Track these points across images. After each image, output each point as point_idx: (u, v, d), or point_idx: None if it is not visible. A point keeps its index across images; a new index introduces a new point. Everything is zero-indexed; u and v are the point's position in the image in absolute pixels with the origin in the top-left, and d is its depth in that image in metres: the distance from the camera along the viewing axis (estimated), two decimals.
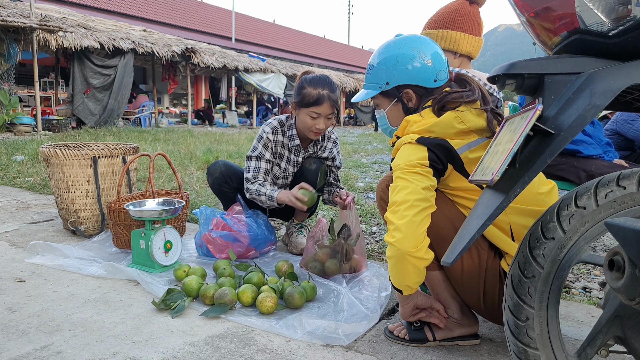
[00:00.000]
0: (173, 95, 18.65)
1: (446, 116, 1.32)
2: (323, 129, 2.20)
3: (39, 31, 9.24)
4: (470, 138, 1.33)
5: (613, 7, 0.87)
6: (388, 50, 1.44)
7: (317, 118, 2.16)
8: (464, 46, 1.90)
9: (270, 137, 2.29)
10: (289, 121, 2.33)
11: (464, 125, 1.31)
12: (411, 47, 1.41)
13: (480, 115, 1.34)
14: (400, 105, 1.47)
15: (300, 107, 2.19)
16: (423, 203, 1.23)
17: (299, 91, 2.19)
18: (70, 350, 1.35)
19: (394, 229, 1.22)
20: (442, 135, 1.31)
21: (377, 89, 1.47)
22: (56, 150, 2.41)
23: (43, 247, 2.19)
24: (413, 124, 1.35)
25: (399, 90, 1.44)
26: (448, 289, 1.43)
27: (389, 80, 1.43)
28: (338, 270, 1.94)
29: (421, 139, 1.29)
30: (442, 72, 1.42)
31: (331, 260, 1.95)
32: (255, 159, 2.29)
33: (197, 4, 27.10)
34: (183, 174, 4.66)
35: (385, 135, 1.90)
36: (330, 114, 2.18)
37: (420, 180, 1.25)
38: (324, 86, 2.15)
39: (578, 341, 1.47)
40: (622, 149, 3.48)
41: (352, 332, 1.46)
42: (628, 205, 0.92)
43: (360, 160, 6.60)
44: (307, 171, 2.33)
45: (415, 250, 1.20)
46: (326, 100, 2.14)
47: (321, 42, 36.06)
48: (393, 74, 1.42)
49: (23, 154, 5.40)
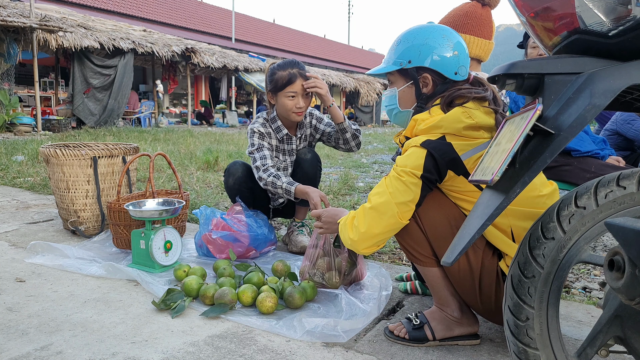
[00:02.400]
0: (173, 95, 18.64)
1: (454, 111, 1.31)
2: (304, 107, 2.29)
3: (39, 31, 9.24)
4: (480, 137, 1.31)
5: (613, 7, 0.87)
6: (419, 31, 1.44)
7: (295, 97, 2.25)
8: (474, 49, 1.90)
9: (261, 129, 2.36)
10: (270, 115, 2.40)
11: (472, 120, 1.29)
12: (442, 34, 1.42)
13: (488, 113, 1.33)
14: (413, 89, 1.46)
15: (276, 92, 2.28)
16: (389, 219, 1.31)
17: (271, 78, 2.29)
18: (70, 350, 1.35)
19: (357, 225, 1.35)
20: (450, 131, 1.30)
21: (397, 65, 1.45)
22: (56, 150, 2.41)
23: (43, 247, 2.19)
24: (421, 122, 1.34)
25: (418, 72, 1.43)
26: (447, 287, 1.43)
27: (412, 59, 1.42)
28: (339, 284, 1.81)
29: (426, 142, 1.29)
30: (463, 68, 1.42)
31: (331, 273, 1.80)
32: (257, 150, 2.33)
33: (197, 4, 27.10)
34: (183, 174, 4.66)
35: (386, 135, 1.90)
36: (305, 89, 2.27)
37: (400, 193, 1.29)
38: (292, 66, 2.26)
39: (578, 341, 1.47)
40: (621, 149, 3.48)
41: (350, 328, 1.46)
42: (628, 205, 0.92)
43: (360, 160, 6.60)
44: (303, 161, 2.37)
45: (366, 249, 1.38)
46: (298, 77, 2.24)
47: (321, 42, 36.06)
48: (418, 54, 1.41)
49: (23, 154, 5.40)
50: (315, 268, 1.82)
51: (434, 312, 1.47)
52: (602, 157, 2.33)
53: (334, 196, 3.76)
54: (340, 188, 4.06)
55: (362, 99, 21.75)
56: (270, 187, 2.24)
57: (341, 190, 4.00)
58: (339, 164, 6.20)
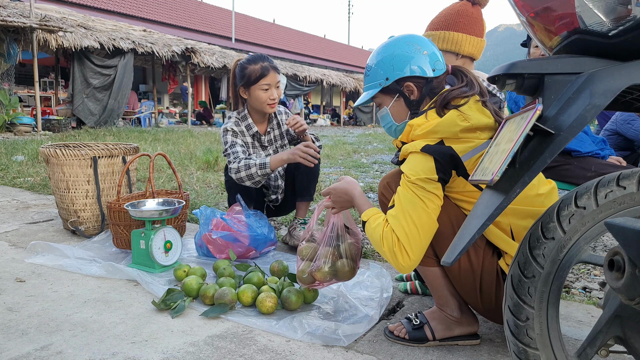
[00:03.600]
0: (173, 95, 18.64)
1: (449, 115, 1.31)
2: (277, 98, 2.37)
3: (39, 31, 9.24)
4: (476, 138, 1.32)
5: (613, 7, 0.87)
6: (384, 49, 1.47)
7: (269, 89, 2.33)
8: (466, 47, 1.90)
9: (234, 128, 2.42)
10: (241, 114, 2.46)
11: (467, 122, 1.30)
12: (405, 42, 1.45)
13: (482, 111, 1.34)
14: (402, 100, 1.47)
15: (249, 86, 2.34)
16: (431, 231, 1.29)
17: (242, 73, 2.34)
18: (70, 350, 1.35)
19: (406, 249, 1.27)
20: (447, 135, 1.30)
21: (377, 87, 1.47)
22: (56, 150, 2.41)
23: (43, 247, 2.19)
24: (417, 128, 1.35)
25: (400, 84, 1.45)
26: (447, 287, 1.43)
27: (388, 76, 1.44)
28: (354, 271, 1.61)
29: (426, 147, 1.29)
30: (439, 62, 1.44)
31: (342, 261, 1.59)
32: (230, 147, 2.38)
33: (197, 4, 27.10)
34: (183, 174, 4.66)
35: (385, 135, 1.90)
36: (277, 82, 2.37)
37: (431, 202, 1.28)
38: (262, 60, 2.35)
39: (578, 341, 1.47)
40: (621, 149, 3.48)
41: (351, 332, 1.46)
42: (628, 205, 0.92)
43: (360, 160, 6.60)
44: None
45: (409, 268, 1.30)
46: (271, 70, 2.33)
47: (321, 42, 36.06)
48: (392, 69, 1.43)
49: (23, 154, 5.40)
50: (321, 260, 1.57)
51: (434, 312, 1.47)
52: (602, 157, 2.33)
53: None
54: None
55: None
56: (244, 172, 2.24)
57: None
58: (339, 164, 6.20)
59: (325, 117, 21.31)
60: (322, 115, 21.54)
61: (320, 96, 22.77)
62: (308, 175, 2.37)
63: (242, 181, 2.28)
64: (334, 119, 22.37)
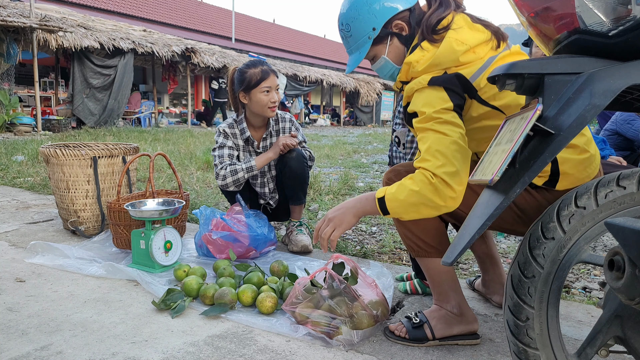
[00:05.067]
0: (173, 95, 18.64)
1: (444, 43, 1.28)
2: (277, 101, 2.39)
3: (39, 31, 9.24)
4: (476, 58, 1.29)
5: (613, 7, 0.87)
6: (353, 5, 1.40)
7: (270, 92, 2.34)
8: None
9: (227, 130, 2.44)
10: (239, 117, 2.48)
11: (464, 45, 1.27)
12: None
13: (474, 27, 1.31)
14: (396, 40, 1.41)
15: (250, 90, 2.35)
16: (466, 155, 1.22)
17: (242, 78, 2.35)
18: (70, 350, 1.35)
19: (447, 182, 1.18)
20: (449, 64, 1.27)
21: (367, 41, 1.41)
22: (56, 150, 2.41)
23: (43, 247, 2.19)
24: (416, 64, 1.31)
25: (388, 27, 1.39)
26: (448, 281, 1.42)
27: (374, 25, 1.38)
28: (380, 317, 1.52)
29: (433, 80, 1.26)
30: None
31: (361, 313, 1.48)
32: (217, 149, 2.41)
33: (197, 4, 27.09)
34: (183, 174, 4.66)
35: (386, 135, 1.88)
36: (277, 85, 2.39)
37: (453, 131, 1.22)
38: (261, 64, 2.38)
39: (578, 341, 1.47)
40: (621, 149, 3.48)
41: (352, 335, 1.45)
42: (628, 205, 0.92)
43: (360, 160, 6.60)
44: (289, 159, 2.38)
45: (454, 203, 1.21)
46: (271, 73, 2.36)
47: (321, 42, 36.05)
48: (374, 17, 1.37)
49: (23, 154, 5.40)
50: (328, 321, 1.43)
51: (434, 310, 1.48)
52: (603, 157, 2.33)
53: (334, 196, 3.76)
54: (340, 188, 4.05)
55: (362, 99, 21.76)
56: (231, 178, 2.30)
57: (341, 190, 4.00)
58: (339, 164, 6.20)
59: (325, 117, 21.32)
60: (322, 115, 21.56)
61: (320, 96, 22.78)
62: (294, 180, 2.37)
63: (227, 187, 2.33)
64: (334, 119, 22.38)
